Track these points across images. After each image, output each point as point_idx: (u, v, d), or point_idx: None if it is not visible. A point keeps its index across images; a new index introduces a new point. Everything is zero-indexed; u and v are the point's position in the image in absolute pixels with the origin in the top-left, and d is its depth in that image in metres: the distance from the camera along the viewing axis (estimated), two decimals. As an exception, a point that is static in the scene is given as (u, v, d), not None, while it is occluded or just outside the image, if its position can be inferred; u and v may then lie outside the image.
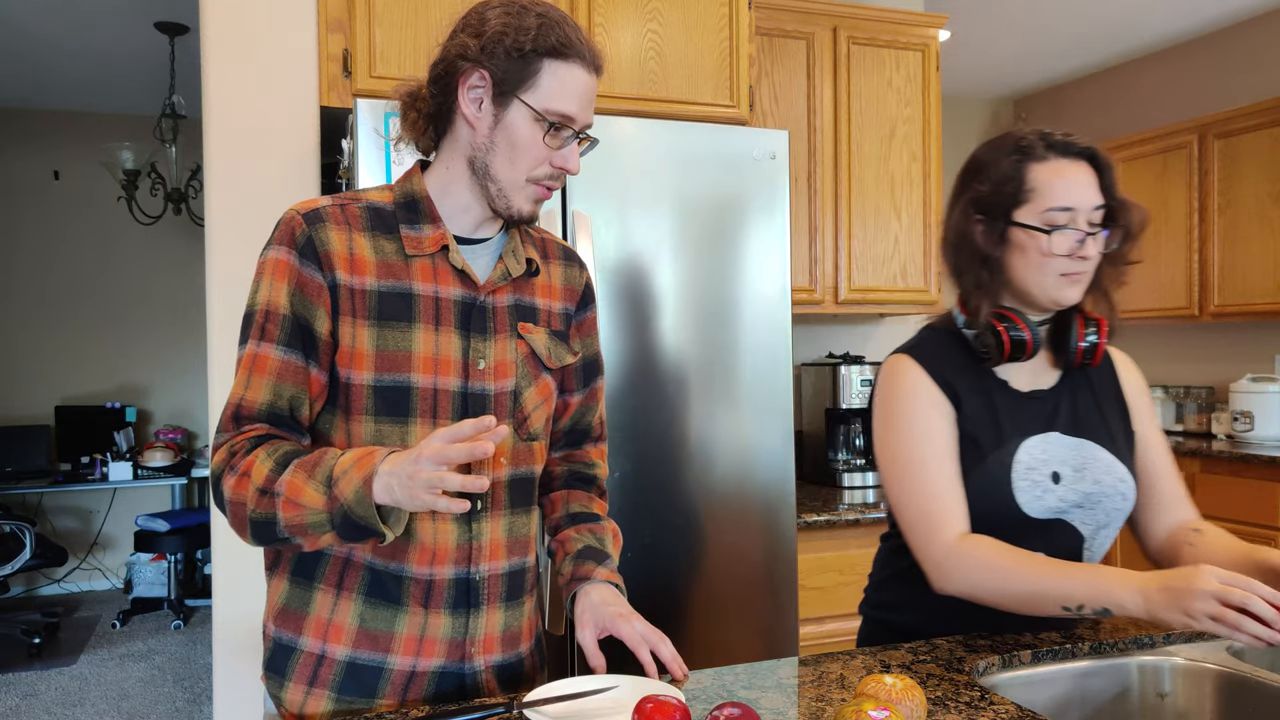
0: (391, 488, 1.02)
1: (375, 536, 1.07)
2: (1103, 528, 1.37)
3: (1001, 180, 1.32)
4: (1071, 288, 1.31)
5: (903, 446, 1.34)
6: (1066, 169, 1.30)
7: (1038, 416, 1.37)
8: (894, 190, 3.00)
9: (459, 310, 1.20)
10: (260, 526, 1.09)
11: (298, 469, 1.07)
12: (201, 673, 4.39)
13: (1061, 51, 5.04)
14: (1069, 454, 1.35)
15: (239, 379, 1.15)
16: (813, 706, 1.11)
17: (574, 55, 1.16)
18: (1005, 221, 1.32)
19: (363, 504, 1.04)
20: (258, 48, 2.25)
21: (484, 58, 1.15)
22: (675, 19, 2.40)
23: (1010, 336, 1.32)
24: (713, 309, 2.16)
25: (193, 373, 6.22)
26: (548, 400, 1.29)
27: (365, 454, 1.06)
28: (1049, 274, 1.31)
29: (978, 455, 1.33)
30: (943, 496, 1.31)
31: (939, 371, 1.36)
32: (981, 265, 1.35)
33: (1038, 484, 1.32)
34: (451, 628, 1.20)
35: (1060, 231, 1.29)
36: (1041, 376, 1.41)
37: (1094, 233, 1.29)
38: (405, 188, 1.23)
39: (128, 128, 5.98)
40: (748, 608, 2.19)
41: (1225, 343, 4.66)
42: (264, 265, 1.17)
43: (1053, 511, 1.33)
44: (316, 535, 1.08)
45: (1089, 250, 1.29)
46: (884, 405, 1.38)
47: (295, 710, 1.20)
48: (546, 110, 1.15)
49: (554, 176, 1.20)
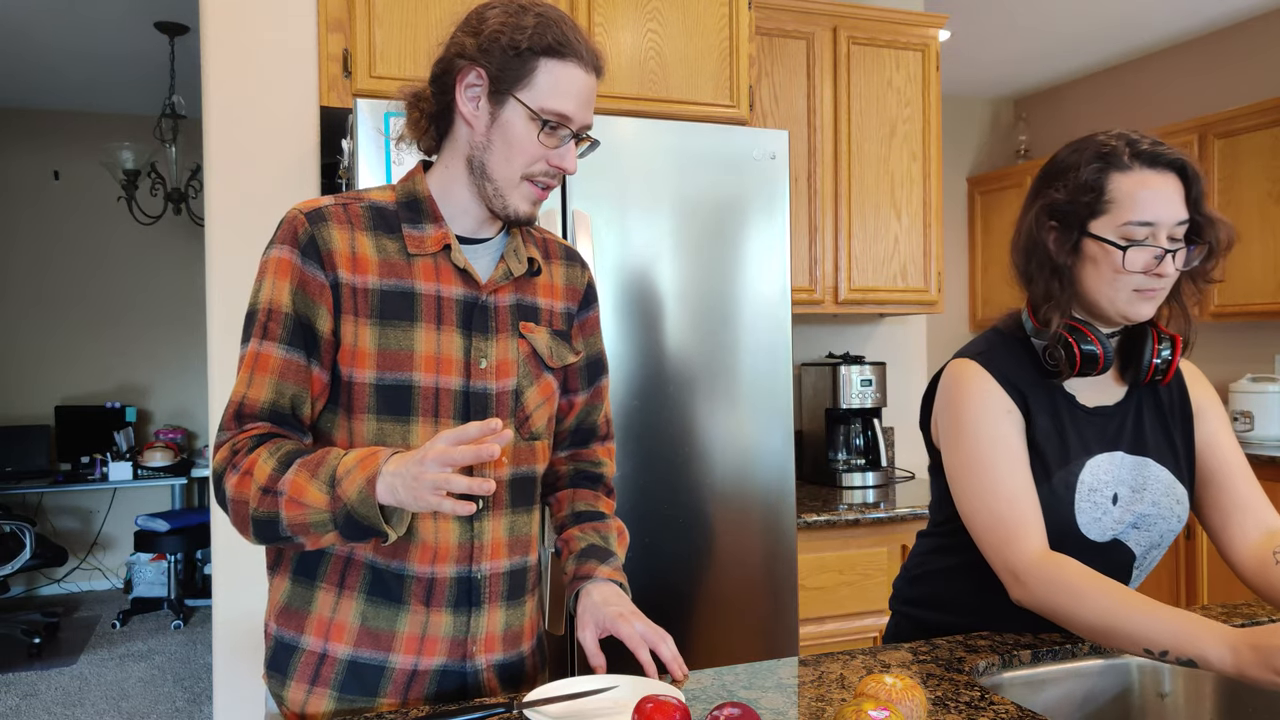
0: (395, 489, 1.03)
1: (378, 536, 1.07)
2: (1154, 548, 1.34)
3: (1080, 189, 1.25)
4: (1145, 304, 1.25)
5: (975, 451, 1.28)
6: (1151, 180, 1.22)
7: (1102, 434, 1.32)
8: (894, 190, 3.00)
9: (461, 309, 1.20)
10: (263, 525, 1.09)
11: (301, 468, 1.08)
12: (201, 673, 4.39)
13: (1061, 51, 5.04)
14: (1129, 474, 1.32)
15: (241, 377, 1.15)
16: (813, 706, 1.11)
17: (570, 54, 1.16)
18: (1080, 232, 1.26)
19: (366, 504, 1.04)
20: (258, 48, 2.25)
21: (481, 56, 1.15)
22: (675, 19, 2.40)
23: (1082, 351, 1.27)
24: (713, 309, 2.16)
25: (193, 373, 6.22)
26: (550, 400, 1.29)
27: (369, 454, 1.07)
28: (1121, 290, 1.25)
29: (1044, 471, 1.29)
30: (1018, 503, 1.25)
31: (1009, 380, 1.31)
32: (1052, 275, 1.29)
33: (1098, 505, 1.29)
34: (453, 626, 1.20)
35: (1137, 247, 1.22)
36: (1108, 391, 1.36)
37: (1174, 250, 1.22)
38: (408, 187, 1.24)
39: (128, 128, 5.98)
40: (748, 608, 2.19)
41: (1225, 343, 4.66)
42: (266, 264, 1.17)
43: (1108, 533, 1.30)
44: (319, 535, 1.08)
45: (1166, 268, 1.22)
46: (953, 410, 1.32)
47: (297, 709, 1.20)
48: (542, 109, 1.15)
49: (550, 175, 1.19)
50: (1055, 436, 1.30)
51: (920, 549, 1.51)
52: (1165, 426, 1.36)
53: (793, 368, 2.34)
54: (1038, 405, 1.31)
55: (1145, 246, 1.22)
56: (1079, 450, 1.30)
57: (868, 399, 2.97)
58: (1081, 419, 1.32)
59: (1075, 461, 1.29)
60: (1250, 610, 1.49)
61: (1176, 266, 1.23)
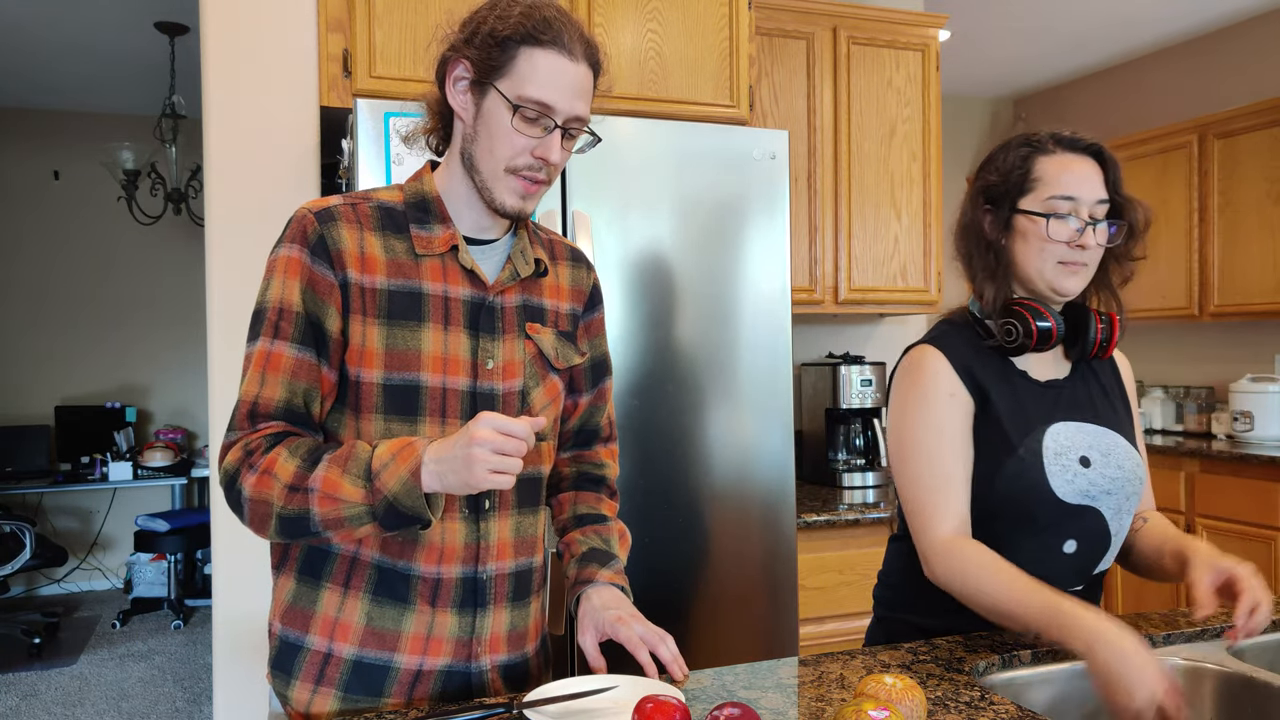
0: (443, 475, 1.05)
1: (418, 524, 1.09)
2: (1124, 513, 1.39)
3: (1009, 170, 1.38)
4: (1071, 278, 1.35)
5: (909, 437, 1.37)
6: (1072, 163, 1.35)
7: (1058, 404, 1.40)
8: (894, 190, 3.00)
9: (468, 310, 1.20)
10: (289, 522, 1.09)
11: (331, 464, 1.08)
12: (201, 673, 4.39)
13: (1061, 51, 5.04)
14: (1095, 440, 1.38)
15: (252, 376, 1.15)
16: (813, 706, 1.11)
17: (551, 42, 1.14)
18: (1010, 209, 1.37)
19: (411, 495, 1.06)
20: (258, 48, 2.25)
21: (465, 47, 1.16)
22: (675, 19, 2.40)
23: (1038, 325, 1.34)
24: (713, 309, 2.16)
25: (193, 373, 6.22)
26: (555, 400, 1.29)
27: (404, 445, 1.08)
28: (1048, 260, 1.35)
29: (1009, 444, 1.35)
30: (942, 490, 1.33)
31: (961, 362, 1.38)
32: (988, 251, 1.40)
33: (1067, 468, 1.34)
34: (458, 627, 1.20)
35: (1059, 219, 1.33)
36: (1055, 367, 1.44)
37: (1093, 224, 1.33)
38: (416, 188, 1.24)
39: (128, 128, 5.97)
40: (748, 608, 2.19)
41: (1225, 343, 4.66)
42: (275, 263, 1.17)
43: (1084, 496, 1.35)
44: (353, 528, 1.09)
45: (1088, 241, 1.33)
46: (900, 394, 1.40)
47: (302, 709, 1.20)
48: (519, 97, 1.13)
49: (535, 168, 1.17)
50: (1016, 409, 1.37)
51: (892, 552, 1.54)
52: (1109, 400, 1.46)
53: (793, 368, 2.34)
54: (992, 383, 1.38)
55: (1068, 219, 1.33)
56: (1039, 419, 1.37)
57: (868, 399, 2.97)
58: (1037, 392, 1.40)
59: (1037, 429, 1.36)
60: (1250, 610, 1.49)
61: (1098, 241, 1.34)
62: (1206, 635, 1.40)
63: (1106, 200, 1.35)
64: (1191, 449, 3.99)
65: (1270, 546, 3.63)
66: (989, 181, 1.40)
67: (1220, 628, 1.41)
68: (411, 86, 2.12)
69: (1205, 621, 1.41)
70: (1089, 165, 1.35)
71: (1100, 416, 1.42)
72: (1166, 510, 4.04)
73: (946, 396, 1.36)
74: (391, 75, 2.15)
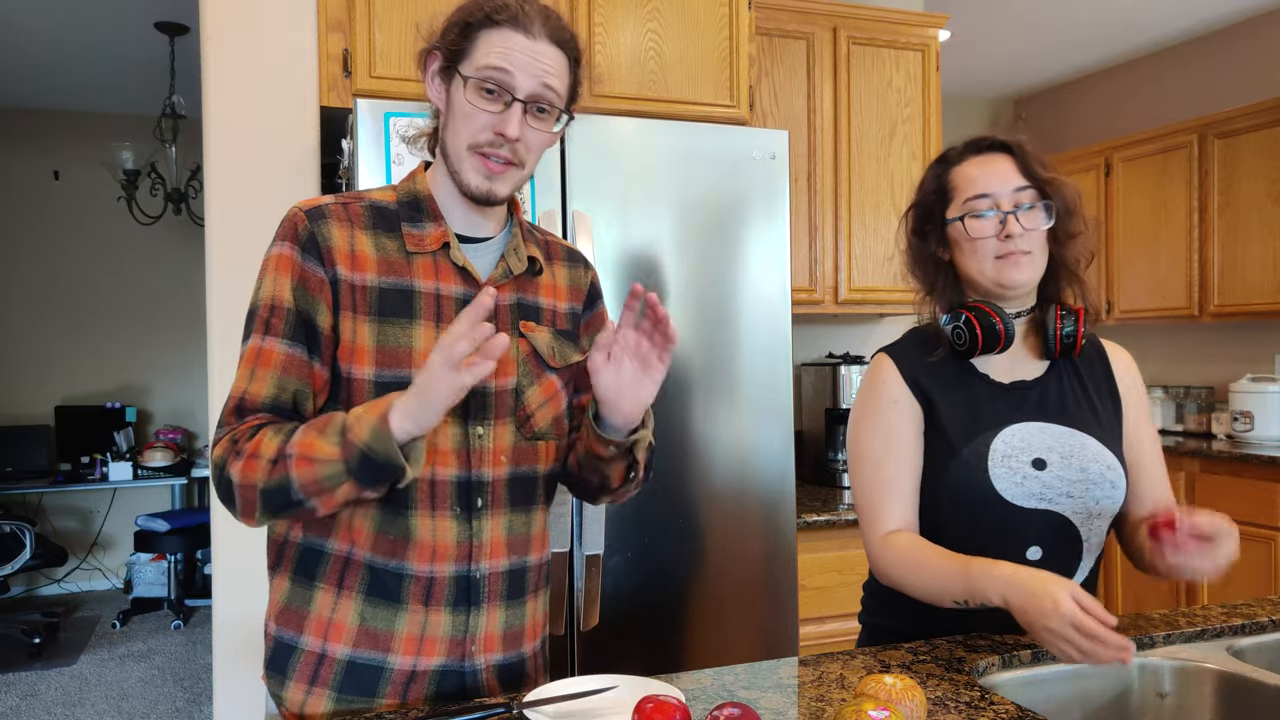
0: (409, 411, 1.03)
1: (395, 478, 1.06)
2: (1094, 517, 1.37)
3: (929, 189, 1.43)
4: (1013, 269, 1.36)
5: (856, 444, 1.42)
6: (981, 163, 1.39)
7: (1019, 406, 1.40)
8: (894, 190, 3.00)
9: (460, 307, 1.20)
10: (272, 495, 1.08)
11: (308, 429, 1.08)
12: (201, 673, 4.39)
13: (1061, 51, 5.04)
14: (1056, 441, 1.37)
15: (242, 372, 1.15)
16: (813, 706, 1.12)
17: (506, 21, 1.16)
18: (941, 224, 1.41)
19: (381, 439, 1.04)
20: (258, 48, 2.25)
21: (437, 40, 1.19)
22: (675, 19, 2.40)
23: (982, 326, 1.36)
24: (713, 309, 2.16)
25: (193, 373, 6.22)
26: (553, 399, 1.28)
27: (376, 401, 1.08)
28: (985, 260, 1.37)
29: (953, 447, 1.36)
30: (883, 493, 1.37)
31: (909, 369, 1.41)
32: (932, 268, 1.44)
33: (1015, 470, 1.34)
34: (452, 626, 1.20)
35: (977, 217, 1.36)
36: (1025, 367, 1.44)
37: (1014, 211, 1.35)
38: (409, 187, 1.25)
39: (128, 128, 5.97)
40: (747, 608, 2.19)
41: (1225, 343, 4.66)
42: (268, 261, 1.18)
43: (1038, 499, 1.34)
44: (332, 489, 1.07)
45: (1013, 229, 1.34)
46: (855, 402, 1.47)
47: (296, 709, 1.20)
48: (476, 70, 1.15)
49: (496, 144, 1.17)
50: (965, 413, 1.39)
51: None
52: (1089, 399, 1.43)
53: (793, 368, 2.34)
54: (943, 388, 1.40)
55: (987, 214, 1.36)
56: (992, 421, 1.38)
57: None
58: (995, 394, 1.41)
59: (988, 431, 1.37)
60: (1250, 610, 1.49)
61: (1026, 226, 1.35)
62: (1207, 635, 1.40)
63: (1027, 186, 1.36)
64: (1191, 449, 3.99)
65: (1270, 546, 3.63)
66: (915, 205, 1.46)
67: (1220, 628, 1.41)
68: (411, 86, 2.12)
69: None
70: (999, 160, 1.38)
71: (1069, 417, 1.40)
72: (1166, 510, 4.04)
73: (891, 403, 1.40)
74: (391, 75, 2.15)
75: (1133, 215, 4.66)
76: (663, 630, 2.11)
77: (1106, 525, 1.40)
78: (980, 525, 1.35)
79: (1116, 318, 4.75)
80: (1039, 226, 1.36)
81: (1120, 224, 4.73)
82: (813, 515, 2.47)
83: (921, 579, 1.31)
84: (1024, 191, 1.36)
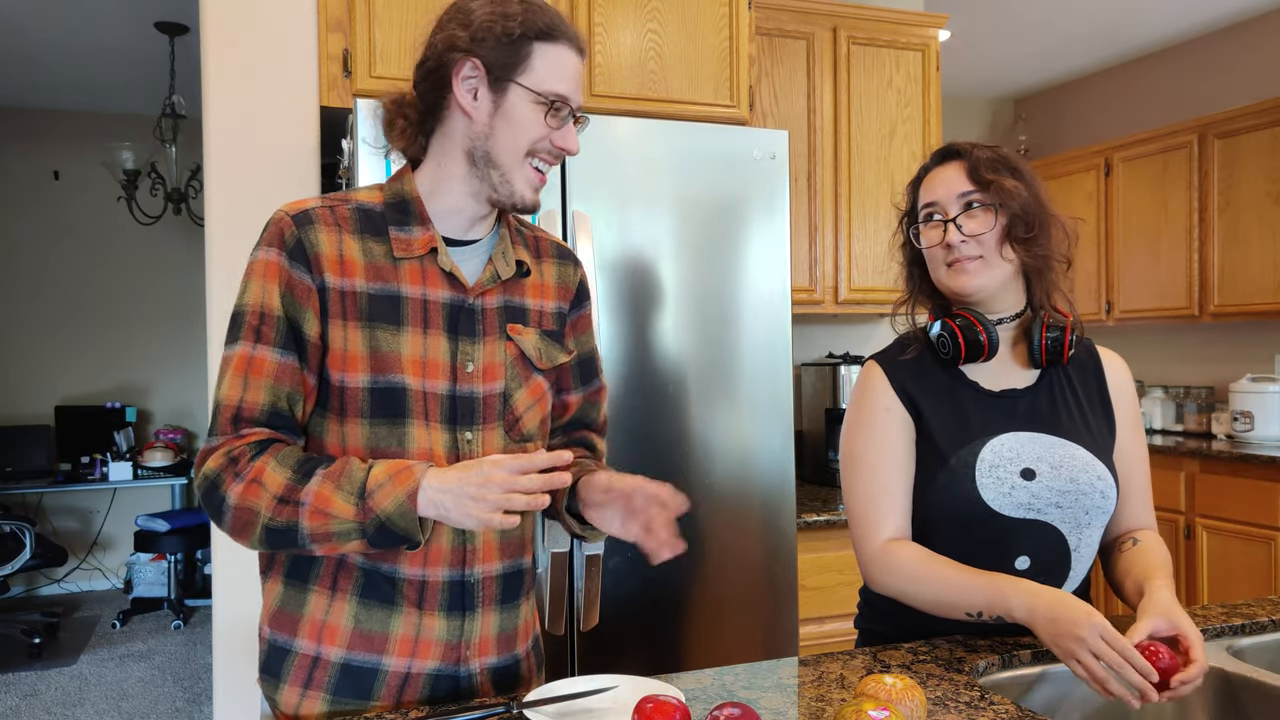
0: (442, 504, 1.06)
1: (406, 544, 1.10)
2: (1084, 527, 1.36)
3: (907, 202, 1.48)
4: (959, 276, 1.36)
5: (851, 448, 1.42)
6: (935, 174, 1.41)
7: (1009, 415, 1.39)
8: (894, 190, 2.99)
9: (447, 313, 1.20)
10: (276, 534, 1.09)
11: (325, 480, 1.09)
12: (201, 673, 4.39)
13: (1061, 51, 5.04)
14: (1045, 451, 1.36)
15: (233, 380, 1.14)
16: (813, 706, 1.11)
17: (561, 37, 1.19)
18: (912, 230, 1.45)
19: (405, 517, 1.07)
20: (257, 48, 2.25)
21: (475, 46, 1.17)
22: (675, 19, 2.40)
23: (965, 336, 1.36)
24: (713, 309, 2.16)
25: (193, 373, 6.22)
26: (540, 401, 1.28)
27: (401, 468, 1.09)
28: (937, 267, 1.39)
29: (939, 456, 1.36)
30: (879, 501, 1.37)
31: (898, 376, 1.41)
32: (922, 279, 1.47)
33: (1003, 480, 1.33)
34: (446, 630, 1.20)
35: (924, 224, 1.40)
36: (1015, 376, 1.42)
37: (955, 218, 1.35)
38: (396, 188, 1.23)
39: (128, 128, 5.97)
40: (747, 608, 2.18)
41: (1225, 343, 4.66)
42: (254, 266, 1.17)
43: (1027, 509, 1.33)
44: (340, 543, 1.10)
45: (951, 236, 1.35)
46: (848, 409, 1.47)
47: (290, 712, 1.19)
48: (544, 91, 1.17)
49: (553, 155, 1.22)
50: (953, 422, 1.38)
51: None
52: (1080, 408, 1.42)
53: (793, 368, 2.34)
54: (932, 396, 1.40)
55: (931, 221, 1.39)
56: (980, 430, 1.37)
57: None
58: (985, 403, 1.40)
59: (976, 441, 1.36)
60: (1250, 610, 1.49)
61: (968, 231, 1.35)
62: (1207, 635, 1.39)
63: (971, 190, 1.35)
64: (1191, 449, 3.99)
65: (1270, 546, 3.63)
66: (900, 216, 1.50)
67: (1220, 628, 1.41)
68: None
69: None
70: (949, 168, 1.39)
71: (1060, 427, 1.38)
72: (1166, 510, 4.05)
73: (882, 411, 1.40)
74: (391, 75, 2.15)
75: (1133, 215, 4.66)
76: (663, 630, 2.11)
77: (1098, 535, 1.38)
78: (969, 535, 1.34)
79: (1116, 318, 4.75)
80: (985, 230, 1.34)
81: (1120, 224, 4.73)
82: (813, 515, 2.47)
83: (930, 590, 1.30)
84: (968, 196, 1.36)
